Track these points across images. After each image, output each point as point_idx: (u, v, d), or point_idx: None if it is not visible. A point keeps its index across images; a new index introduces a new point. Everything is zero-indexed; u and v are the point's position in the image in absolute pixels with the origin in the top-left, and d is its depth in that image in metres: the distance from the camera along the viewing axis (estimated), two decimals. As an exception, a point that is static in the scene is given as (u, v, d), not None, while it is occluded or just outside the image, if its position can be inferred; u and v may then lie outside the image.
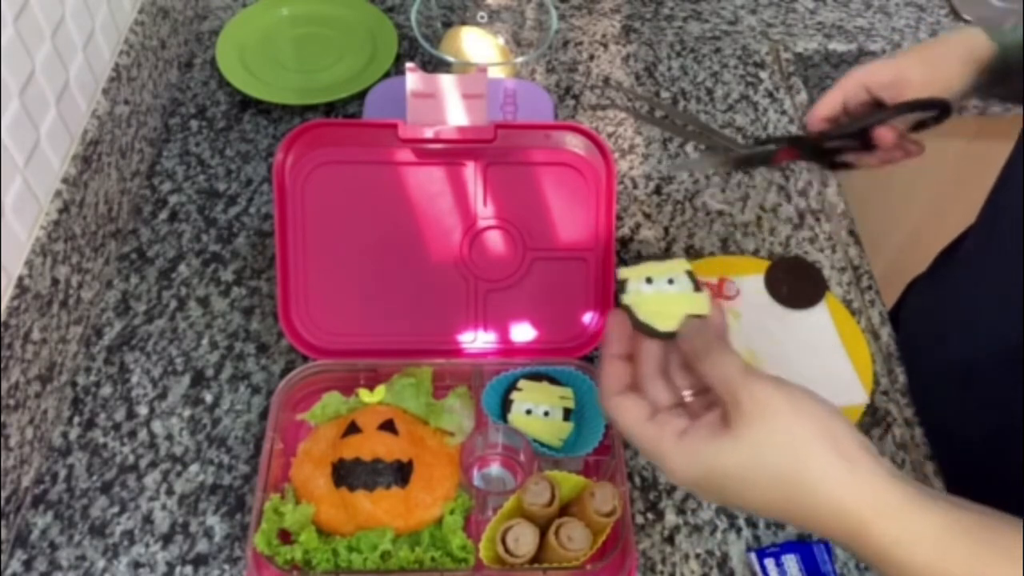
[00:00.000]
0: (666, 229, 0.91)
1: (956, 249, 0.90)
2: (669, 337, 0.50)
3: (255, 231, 0.88)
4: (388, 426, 0.67)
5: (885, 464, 0.45)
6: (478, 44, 0.96)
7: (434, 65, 0.95)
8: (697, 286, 0.52)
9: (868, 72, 0.76)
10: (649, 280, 0.52)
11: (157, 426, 0.75)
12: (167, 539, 0.69)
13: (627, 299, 0.51)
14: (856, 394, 0.77)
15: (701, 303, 0.51)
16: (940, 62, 0.74)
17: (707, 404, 0.50)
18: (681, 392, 0.51)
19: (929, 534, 0.44)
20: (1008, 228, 0.72)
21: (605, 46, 1.09)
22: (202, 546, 0.69)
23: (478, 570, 0.63)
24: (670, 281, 0.52)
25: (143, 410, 0.76)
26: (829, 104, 0.77)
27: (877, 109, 0.76)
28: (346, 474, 0.65)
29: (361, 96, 0.97)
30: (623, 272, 0.52)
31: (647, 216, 0.92)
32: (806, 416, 0.46)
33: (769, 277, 0.86)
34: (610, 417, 0.51)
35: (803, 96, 1.04)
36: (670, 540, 0.71)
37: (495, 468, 0.72)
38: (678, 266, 0.52)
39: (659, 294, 0.51)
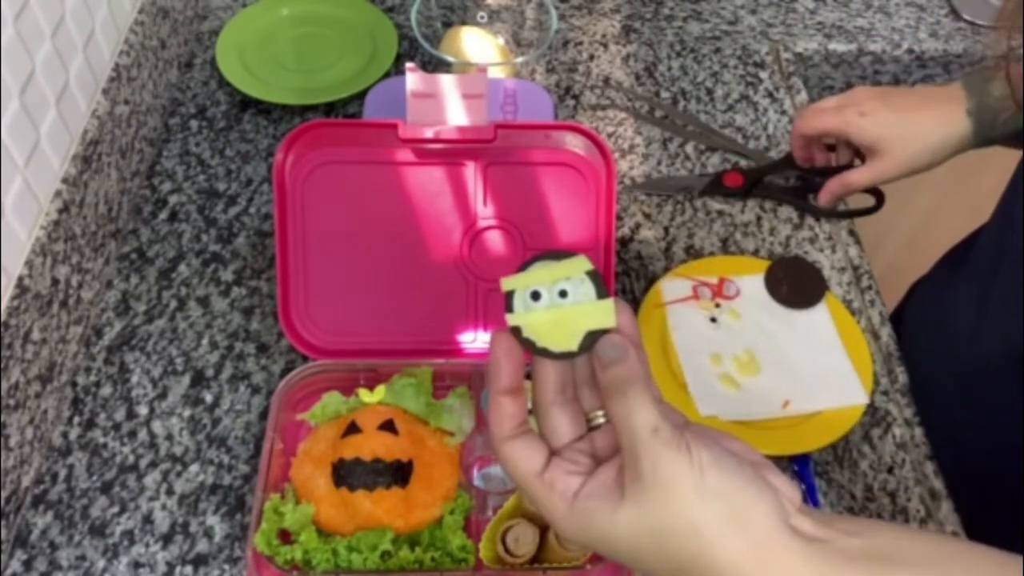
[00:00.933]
0: (666, 229, 0.91)
1: (961, 252, 0.90)
2: (569, 357, 0.43)
3: (255, 231, 0.88)
4: (388, 426, 0.67)
5: (804, 531, 0.40)
6: (478, 44, 0.96)
7: (434, 65, 0.95)
8: (601, 290, 0.43)
9: (856, 127, 0.83)
10: (536, 296, 0.43)
11: (157, 426, 0.75)
12: (167, 539, 0.69)
13: (514, 319, 0.43)
14: (856, 394, 0.77)
15: (604, 314, 0.42)
16: (920, 152, 0.81)
17: (613, 441, 0.44)
18: (589, 415, 0.45)
19: None
20: (1019, 238, 0.72)
21: (605, 46, 1.09)
22: (202, 546, 0.69)
23: (478, 570, 0.63)
24: (562, 293, 0.43)
25: (143, 410, 0.76)
26: (811, 129, 0.86)
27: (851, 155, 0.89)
28: (346, 474, 0.65)
29: (361, 96, 0.97)
30: (508, 282, 0.43)
31: (647, 216, 0.92)
32: (711, 496, 0.40)
33: (769, 277, 0.86)
34: (501, 462, 0.45)
35: (803, 96, 1.04)
36: (670, 540, 0.70)
37: (495, 468, 0.72)
38: (577, 267, 0.43)
39: (552, 308, 0.43)
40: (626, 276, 0.87)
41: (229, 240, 0.87)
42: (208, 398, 0.77)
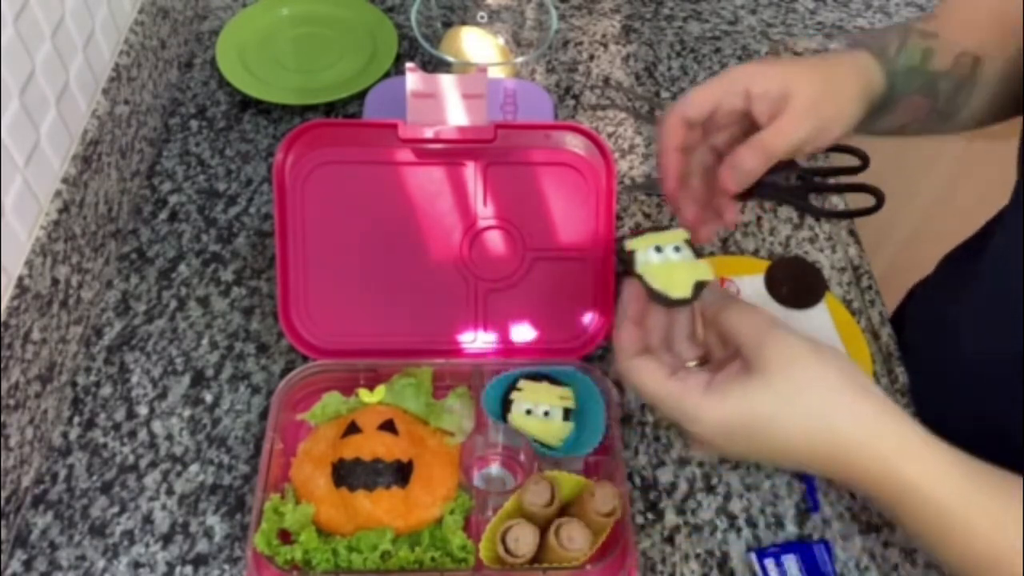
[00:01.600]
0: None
1: (961, 254, 0.90)
2: (682, 304, 0.53)
3: (255, 231, 0.88)
4: (388, 426, 0.67)
5: (906, 412, 0.49)
6: (478, 44, 0.96)
7: (434, 65, 0.95)
8: (697, 253, 0.55)
9: (753, 77, 0.61)
10: (658, 248, 0.54)
11: (157, 426, 0.75)
12: (167, 539, 0.69)
13: (640, 269, 0.54)
14: (856, 394, 0.77)
15: (706, 269, 0.53)
16: (832, 91, 0.63)
17: (716, 369, 0.52)
18: (686, 363, 0.54)
19: (954, 473, 0.48)
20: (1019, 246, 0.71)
21: (605, 46, 1.09)
22: (202, 546, 0.69)
23: (478, 570, 0.63)
24: (676, 249, 0.54)
25: (143, 410, 0.76)
26: (699, 104, 0.62)
27: (747, 124, 0.63)
28: (346, 474, 0.65)
29: (361, 96, 0.97)
30: (630, 243, 0.55)
31: (647, 216, 0.92)
32: (830, 363, 0.49)
33: (769, 277, 0.85)
34: (628, 380, 0.53)
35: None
36: (670, 540, 0.71)
37: (495, 468, 0.72)
38: (678, 235, 0.55)
39: (667, 263, 0.54)
40: (626, 276, 0.87)
41: (229, 240, 0.87)
42: (208, 398, 0.77)
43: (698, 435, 0.51)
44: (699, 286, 0.53)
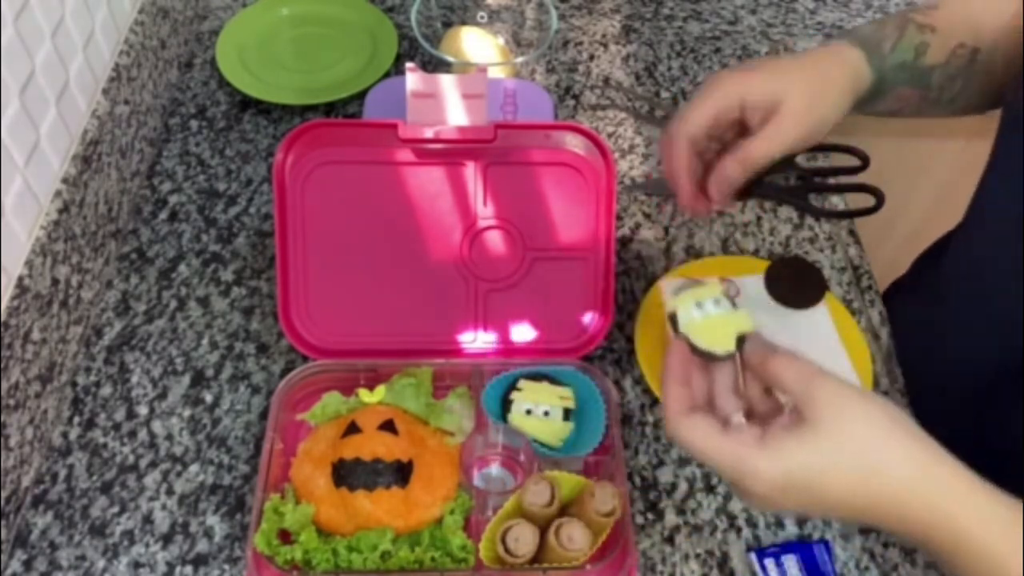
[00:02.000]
0: (666, 229, 0.91)
1: (934, 254, 0.89)
2: (728, 358, 0.53)
3: (255, 231, 0.88)
4: (388, 426, 0.67)
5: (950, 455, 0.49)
6: (478, 44, 0.96)
7: (434, 65, 0.95)
8: (734, 304, 0.55)
9: (745, 85, 0.65)
10: (699, 304, 0.55)
11: (157, 426, 0.75)
12: (167, 539, 0.69)
13: (684, 329, 0.54)
14: (856, 394, 0.77)
15: (746, 321, 0.54)
16: (822, 92, 0.66)
17: (762, 421, 0.52)
18: (730, 419, 0.52)
19: (1004, 516, 0.48)
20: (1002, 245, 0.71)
21: (605, 46, 1.09)
22: (202, 546, 0.69)
23: (478, 570, 0.63)
24: (716, 302, 0.55)
25: (143, 410, 0.76)
26: (700, 123, 0.66)
27: (741, 128, 0.67)
28: (346, 474, 0.65)
29: (361, 96, 0.97)
30: (671, 304, 0.55)
31: (647, 216, 0.92)
32: (878, 408, 0.49)
33: (769, 277, 0.85)
34: (681, 439, 0.52)
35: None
36: (670, 540, 0.71)
37: (495, 468, 0.72)
38: (714, 289, 0.56)
39: (708, 319, 0.54)
40: (626, 276, 0.87)
41: (229, 240, 0.87)
42: (208, 398, 0.77)
43: (754, 491, 0.50)
44: (741, 339, 0.53)
